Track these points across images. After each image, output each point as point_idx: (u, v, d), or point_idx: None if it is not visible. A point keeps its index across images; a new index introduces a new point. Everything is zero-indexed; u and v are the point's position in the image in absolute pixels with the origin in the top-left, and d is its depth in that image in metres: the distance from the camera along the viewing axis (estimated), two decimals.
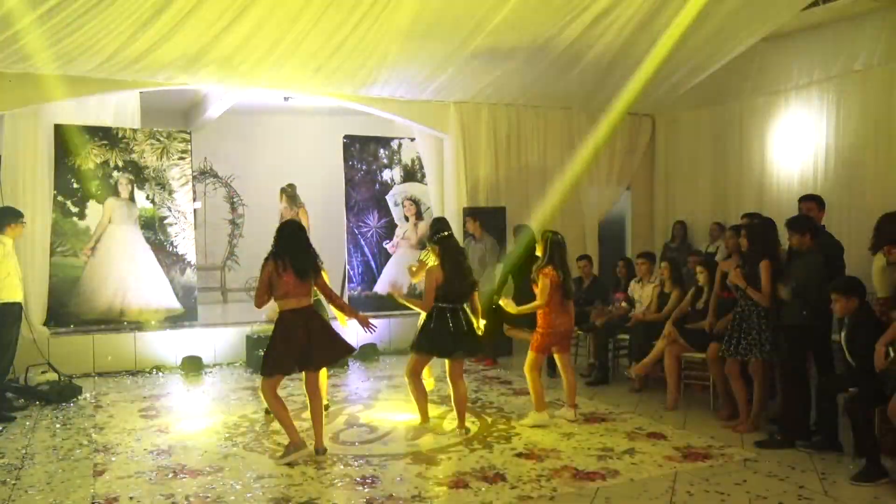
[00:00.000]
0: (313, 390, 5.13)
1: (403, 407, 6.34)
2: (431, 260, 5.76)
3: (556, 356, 6.02)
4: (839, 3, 7.65)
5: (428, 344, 5.59)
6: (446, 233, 5.67)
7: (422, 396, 5.83)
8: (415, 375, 5.73)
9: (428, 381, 6.35)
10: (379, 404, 6.58)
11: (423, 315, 5.68)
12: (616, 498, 4.27)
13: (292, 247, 5.01)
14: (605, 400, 6.63)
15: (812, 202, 5.85)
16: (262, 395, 5.14)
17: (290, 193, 8.90)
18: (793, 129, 8.51)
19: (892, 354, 4.55)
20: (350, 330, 8.83)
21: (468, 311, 5.65)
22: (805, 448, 5.03)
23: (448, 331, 5.50)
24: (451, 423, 5.81)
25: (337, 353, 5.26)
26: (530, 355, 5.86)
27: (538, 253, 5.90)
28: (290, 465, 4.85)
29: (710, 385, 6.19)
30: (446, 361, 5.68)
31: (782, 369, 5.37)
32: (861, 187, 7.66)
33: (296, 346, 4.95)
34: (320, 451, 5.04)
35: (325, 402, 6.56)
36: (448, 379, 5.68)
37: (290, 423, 4.99)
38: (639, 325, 7.02)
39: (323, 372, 5.58)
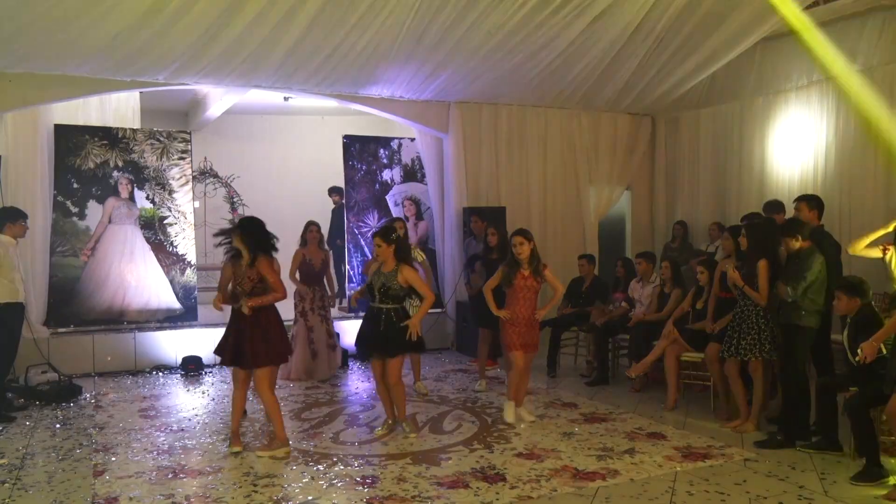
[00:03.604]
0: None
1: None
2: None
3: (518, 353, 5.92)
4: (839, 3, 7.64)
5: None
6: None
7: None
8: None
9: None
10: (379, 404, 6.56)
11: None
12: (616, 498, 4.27)
13: None
14: (605, 400, 6.62)
15: (802, 202, 5.85)
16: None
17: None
18: (793, 129, 8.50)
19: (883, 352, 4.56)
20: (350, 329, 8.94)
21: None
22: (805, 448, 5.03)
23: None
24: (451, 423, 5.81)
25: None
26: (531, 356, 5.87)
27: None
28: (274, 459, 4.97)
29: (710, 385, 6.19)
30: (371, 360, 5.64)
31: (782, 369, 5.38)
32: (861, 187, 7.66)
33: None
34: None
35: None
36: (388, 378, 5.57)
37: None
38: (639, 325, 7.02)
39: None
